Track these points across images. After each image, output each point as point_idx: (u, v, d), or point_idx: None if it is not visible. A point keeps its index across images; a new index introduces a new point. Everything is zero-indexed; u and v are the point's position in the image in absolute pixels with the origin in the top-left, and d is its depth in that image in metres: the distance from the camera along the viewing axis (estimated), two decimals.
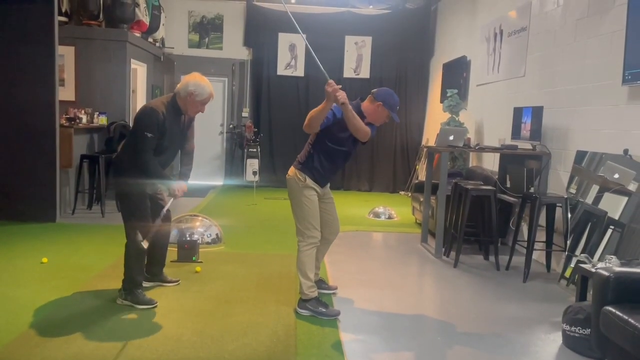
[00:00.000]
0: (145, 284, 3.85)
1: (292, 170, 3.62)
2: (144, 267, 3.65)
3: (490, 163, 6.49)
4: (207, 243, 5.21)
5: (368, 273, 4.67)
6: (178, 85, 3.58)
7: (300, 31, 3.60)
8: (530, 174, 5.31)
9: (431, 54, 9.67)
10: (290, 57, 9.88)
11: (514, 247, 4.93)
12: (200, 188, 9.37)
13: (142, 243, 3.48)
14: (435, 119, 9.22)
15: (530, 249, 4.57)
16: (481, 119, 7.05)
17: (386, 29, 9.79)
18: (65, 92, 7.52)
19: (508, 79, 6.26)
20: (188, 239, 4.82)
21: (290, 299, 3.79)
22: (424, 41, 9.68)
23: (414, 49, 9.76)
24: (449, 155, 5.29)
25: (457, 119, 7.20)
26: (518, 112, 5.50)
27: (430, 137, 9.44)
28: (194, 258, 4.61)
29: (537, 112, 5.16)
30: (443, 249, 5.31)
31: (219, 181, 10.11)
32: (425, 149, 9.43)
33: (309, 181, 3.55)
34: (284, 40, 9.79)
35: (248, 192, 8.75)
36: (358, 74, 9.93)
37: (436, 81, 9.23)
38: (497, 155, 5.93)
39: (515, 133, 5.53)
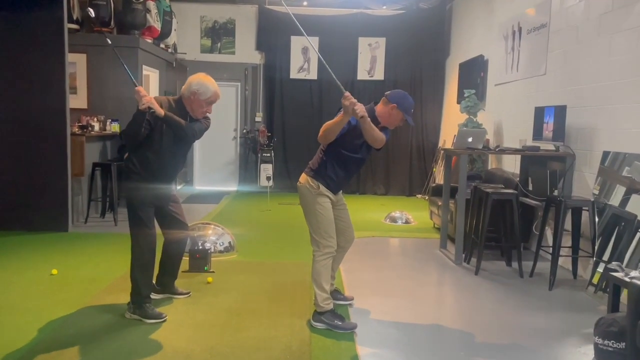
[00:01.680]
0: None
1: (303, 177, 3.48)
2: (151, 279, 3.52)
3: (511, 165, 6.28)
4: (220, 252, 5.09)
5: (385, 282, 4.50)
6: (183, 87, 3.46)
7: (305, 34, 3.48)
8: (554, 176, 5.10)
9: (447, 54, 9.47)
10: (303, 60, 9.76)
11: (538, 252, 4.72)
12: (214, 194, 9.29)
13: (146, 254, 3.37)
14: (451, 120, 9.02)
15: (555, 255, 4.36)
16: (500, 120, 6.84)
17: (400, 29, 9.61)
18: (78, 100, 7.49)
19: (528, 78, 6.05)
20: (200, 248, 4.70)
21: (305, 311, 3.64)
22: (439, 41, 9.49)
23: (429, 49, 9.57)
24: (467, 158, 5.10)
25: (475, 119, 6.99)
26: (539, 112, 5.30)
27: (447, 138, 9.23)
28: (205, 268, 4.49)
29: (560, 112, 4.95)
30: (463, 255, 5.12)
31: (232, 187, 10.02)
32: (442, 151, 9.24)
33: (323, 188, 3.41)
34: (297, 43, 9.67)
35: (262, 198, 8.63)
36: (372, 76, 9.77)
37: (452, 81, 9.03)
38: (518, 157, 5.73)
39: (537, 134, 5.32)
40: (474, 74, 7.64)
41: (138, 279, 3.41)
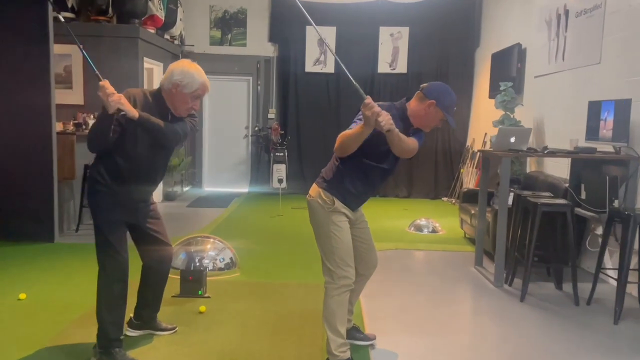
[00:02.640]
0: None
1: (314, 190, 2.76)
2: (121, 318, 2.82)
3: (554, 167, 5.47)
4: (220, 269, 4.40)
5: (412, 311, 3.76)
6: (162, 77, 2.77)
7: (316, 26, 2.75)
8: (613, 183, 4.28)
9: (476, 44, 8.64)
10: (320, 52, 9.02)
11: (598, 275, 3.94)
12: (224, 196, 8.63)
13: (115, 286, 2.70)
14: (482, 117, 8.20)
15: (622, 280, 3.58)
16: (541, 116, 6.02)
17: (425, 18, 8.80)
18: (73, 96, 6.89)
19: (577, 68, 5.23)
20: (193, 268, 4.03)
21: (315, 354, 2.93)
22: (468, 30, 8.67)
23: (456, 39, 8.75)
24: (510, 161, 4.33)
25: (512, 116, 6.19)
26: (595, 107, 4.49)
27: (476, 137, 8.42)
28: (200, 292, 3.80)
29: (622, 107, 4.14)
30: (504, 275, 4.36)
31: (244, 188, 9.34)
32: (471, 151, 8.43)
33: (339, 204, 2.69)
34: (313, 33, 8.93)
35: (274, 201, 7.93)
36: (394, 69, 8.98)
37: (483, 74, 8.21)
38: (565, 160, 4.93)
39: (592, 133, 4.53)
40: (509, 66, 6.82)
41: (105, 318, 2.73)
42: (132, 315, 3.09)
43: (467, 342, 3.32)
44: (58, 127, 5.92)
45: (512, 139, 4.37)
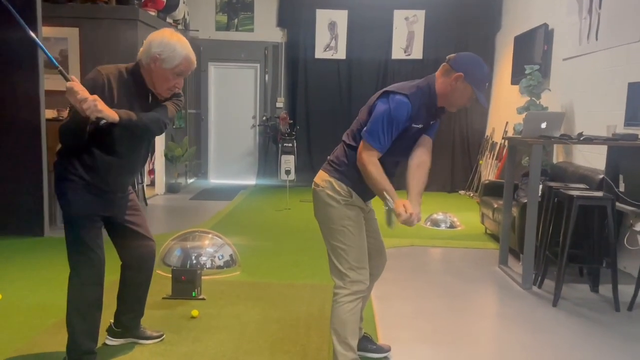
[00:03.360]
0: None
1: (323, 178, 2.36)
2: (96, 326, 2.42)
3: (586, 158, 5.00)
4: (219, 267, 4.02)
5: (430, 317, 3.34)
6: (140, 50, 2.35)
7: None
8: None
9: (497, 27, 8.13)
10: (330, 37, 8.57)
11: None
12: (230, 189, 8.25)
13: (87, 289, 2.32)
14: (502, 105, 7.72)
15: None
16: (570, 101, 5.54)
17: (442, 0, 8.31)
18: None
19: (614, 47, 4.74)
20: (188, 267, 3.64)
21: None
22: (489, 12, 8.15)
23: (476, 23, 8.24)
24: (542, 149, 3.85)
25: (538, 102, 5.71)
26: (635, 90, 4.02)
27: (496, 126, 7.94)
28: (193, 294, 3.41)
29: None
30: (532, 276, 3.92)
31: (251, 180, 8.95)
32: (490, 142, 7.95)
33: (356, 197, 2.31)
34: (323, 17, 8.49)
35: (282, 194, 7.53)
36: (409, 55, 8.51)
37: (504, 59, 7.71)
38: (596, 148, 4.46)
39: (632, 118, 4.07)
40: (534, 49, 6.32)
41: (77, 327, 2.35)
42: (112, 321, 2.71)
43: (493, 352, 2.90)
44: (51, 114, 5.59)
45: (543, 125, 3.91)
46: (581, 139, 3.82)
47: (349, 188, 2.30)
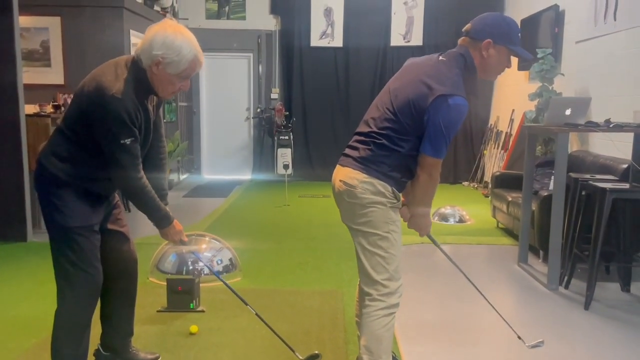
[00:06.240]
0: None
1: (356, 177, 2.03)
2: (84, 349, 2.10)
3: (601, 146, 4.70)
4: (218, 272, 3.68)
5: (454, 324, 3.04)
6: (137, 46, 1.99)
7: None
8: None
9: (501, 10, 7.80)
10: (326, 24, 8.20)
11: None
12: (224, 185, 7.90)
13: (83, 311, 2.01)
14: (507, 92, 7.41)
15: None
16: (585, 87, 5.23)
17: None
18: (52, 75, 6.14)
19: (633, 28, 4.43)
20: (185, 273, 3.31)
21: None
22: None
23: (478, 5, 7.64)
24: (568, 137, 3.53)
25: (550, 87, 5.40)
26: None
27: (501, 115, 7.63)
28: (191, 305, 3.08)
29: None
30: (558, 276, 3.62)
31: (246, 175, 8.61)
32: (495, 130, 7.65)
33: (399, 199, 2.11)
34: (318, 3, 8.12)
35: (279, 189, 7.19)
36: (408, 41, 8.17)
37: None
38: (619, 136, 4.15)
39: None
40: (543, 32, 6.01)
41: (65, 354, 2.03)
42: (99, 344, 2.37)
43: None
44: (33, 109, 5.20)
45: (568, 111, 3.61)
46: (610, 125, 3.51)
47: (393, 189, 2.02)
